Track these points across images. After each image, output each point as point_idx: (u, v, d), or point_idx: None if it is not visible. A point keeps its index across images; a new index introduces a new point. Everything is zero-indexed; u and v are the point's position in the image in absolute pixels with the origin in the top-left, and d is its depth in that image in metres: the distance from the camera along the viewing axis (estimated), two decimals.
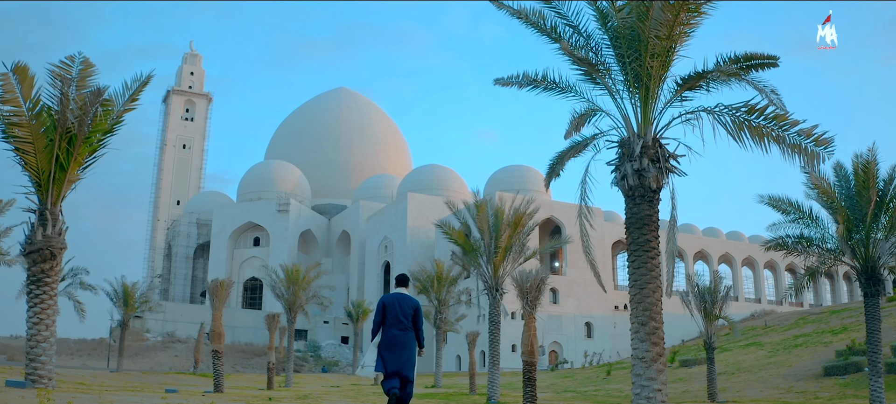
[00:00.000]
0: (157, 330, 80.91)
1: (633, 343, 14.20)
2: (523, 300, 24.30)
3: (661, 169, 14.34)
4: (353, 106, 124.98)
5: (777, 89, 13.02)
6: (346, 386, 48.15)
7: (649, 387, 13.76)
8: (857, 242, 24.83)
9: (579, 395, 39.56)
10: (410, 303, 10.99)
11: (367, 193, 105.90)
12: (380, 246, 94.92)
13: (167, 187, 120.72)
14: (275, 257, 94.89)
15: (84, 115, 14.02)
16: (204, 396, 23.09)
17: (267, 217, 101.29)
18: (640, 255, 14.26)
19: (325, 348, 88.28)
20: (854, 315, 52.27)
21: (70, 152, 14.50)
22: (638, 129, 14.59)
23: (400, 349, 10.68)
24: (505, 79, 16.04)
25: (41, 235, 14.95)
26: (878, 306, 25.14)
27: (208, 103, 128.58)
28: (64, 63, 14.42)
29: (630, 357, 53.92)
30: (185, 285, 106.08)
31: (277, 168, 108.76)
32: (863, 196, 24.19)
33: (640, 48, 14.01)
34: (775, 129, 13.05)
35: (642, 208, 14.39)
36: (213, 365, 32.17)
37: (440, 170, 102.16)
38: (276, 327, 41.26)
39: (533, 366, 24.47)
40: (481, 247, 33.92)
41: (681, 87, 14.29)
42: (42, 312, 15.39)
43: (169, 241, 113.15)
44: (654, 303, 14.10)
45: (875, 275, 24.92)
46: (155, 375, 46.40)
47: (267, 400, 22.53)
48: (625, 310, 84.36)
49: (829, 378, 36.51)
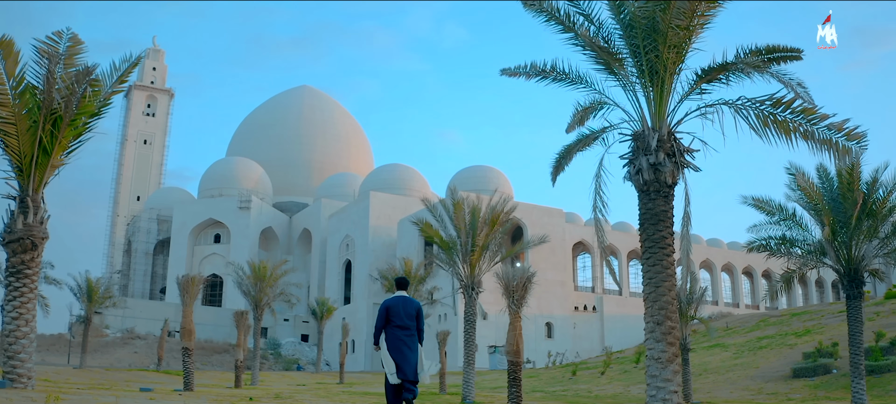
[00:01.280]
0: (117, 327, 78.82)
1: (647, 343, 13.54)
2: (509, 299, 23.61)
3: (677, 163, 13.71)
4: (316, 104, 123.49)
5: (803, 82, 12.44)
6: (311, 384, 47.19)
7: (665, 389, 13.12)
8: (840, 244, 24.59)
9: (549, 395, 39.08)
10: (413, 304, 11.03)
11: (328, 191, 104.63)
12: (341, 244, 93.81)
13: (127, 183, 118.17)
14: (235, 254, 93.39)
15: (71, 95, 12.95)
16: (181, 396, 22.01)
17: (228, 214, 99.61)
18: (656, 252, 13.60)
19: (286, 346, 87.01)
20: (815, 318, 52.51)
21: (54, 135, 13.39)
22: (652, 123, 13.94)
23: (406, 352, 10.69)
24: (511, 69, 15.28)
25: (21, 224, 13.77)
26: (860, 308, 24.96)
27: (170, 99, 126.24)
28: (51, 39, 13.24)
29: (593, 357, 53.51)
30: (145, 281, 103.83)
31: (239, 165, 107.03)
32: (847, 198, 23.95)
33: (657, 38, 13.36)
34: (804, 124, 12.47)
35: (657, 203, 13.74)
36: (184, 363, 30.97)
37: (403, 169, 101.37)
38: (245, 325, 40.06)
39: (518, 367, 23.81)
40: (458, 245, 33.17)
41: (700, 79, 13.66)
42: (21, 306, 14.20)
43: (129, 237, 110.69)
44: (669, 301, 13.46)
45: (857, 278, 24.71)
46: (118, 372, 44.91)
47: (248, 399, 21.53)
48: (585, 311, 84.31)
49: (798, 379, 36.41)
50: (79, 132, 13.99)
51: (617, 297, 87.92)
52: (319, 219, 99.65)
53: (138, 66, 15.03)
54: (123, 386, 29.21)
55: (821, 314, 53.69)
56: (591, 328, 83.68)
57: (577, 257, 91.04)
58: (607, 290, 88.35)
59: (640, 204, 13.98)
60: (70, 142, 13.96)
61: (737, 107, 13.17)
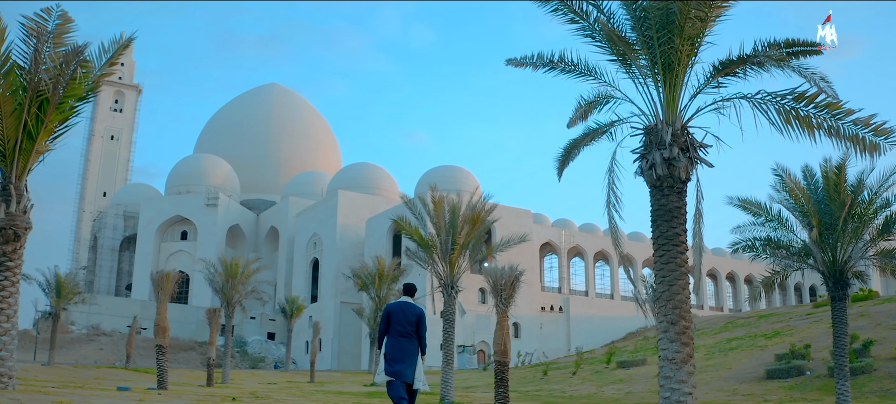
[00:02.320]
0: (82, 323, 76.96)
1: (661, 343, 12.97)
2: (497, 297, 23.00)
3: (691, 159, 13.16)
4: (285, 102, 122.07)
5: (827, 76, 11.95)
6: (282, 383, 46.29)
7: (680, 391, 12.57)
8: (825, 246, 24.32)
9: (522, 395, 38.57)
10: (415, 310, 10.99)
11: (296, 189, 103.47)
12: (309, 242, 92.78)
13: (94, 178, 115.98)
14: (202, 251, 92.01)
15: (60, 76, 12.01)
16: (160, 395, 21.11)
17: (195, 211, 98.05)
18: (669, 249, 13.04)
19: (252, 344, 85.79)
20: (783, 320, 52.54)
21: (40, 119, 12.44)
22: (664, 117, 13.37)
23: (405, 356, 10.71)
24: (517, 59, 14.64)
25: (4, 213, 12.71)
26: (844, 309, 24.73)
27: (138, 95, 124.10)
28: (39, 15, 12.23)
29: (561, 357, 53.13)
30: (111, 278, 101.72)
31: (207, 162, 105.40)
32: (833, 200, 23.70)
33: (672, 30, 12.80)
34: (828, 119, 11.98)
35: (671, 199, 13.18)
36: (158, 361, 30.03)
37: (371, 168, 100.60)
38: (217, 322, 39.06)
39: (505, 366, 23.20)
40: (437, 243, 32.51)
41: (718, 72, 13.11)
42: (3, 301, 13.19)
43: (95, 233, 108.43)
44: (683, 300, 12.91)
45: (843, 279, 24.47)
46: (86, 369, 43.60)
47: (231, 400, 20.67)
48: (552, 311, 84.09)
49: (772, 381, 36.20)
50: (65, 116, 13.01)
51: (583, 298, 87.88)
52: (287, 217, 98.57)
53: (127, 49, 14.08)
54: (96, 384, 28.12)
55: (788, 316, 53.75)
56: (557, 328, 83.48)
57: (544, 258, 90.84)
58: (574, 291, 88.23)
59: (652, 200, 13.39)
60: (56, 126, 13.00)
61: (756, 101, 12.65)
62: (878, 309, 45.76)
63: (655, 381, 42.42)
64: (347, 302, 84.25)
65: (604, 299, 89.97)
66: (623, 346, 63.79)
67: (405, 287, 11.46)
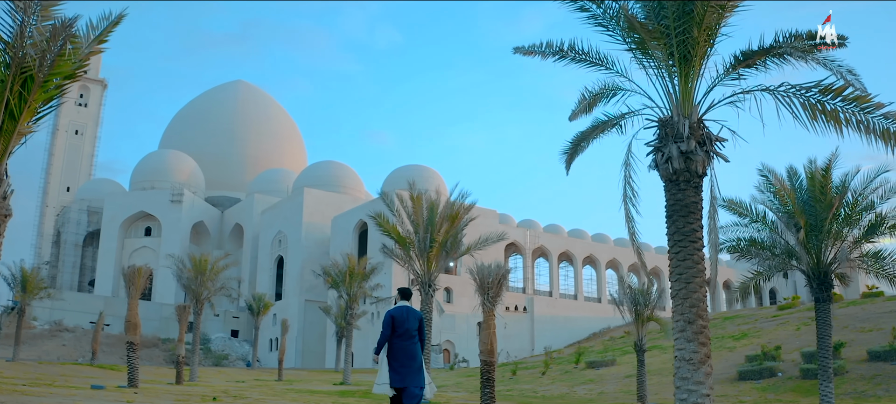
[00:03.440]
0: (45, 319, 74.76)
1: (678, 343, 12.32)
2: (484, 295, 22.31)
3: (708, 153, 12.56)
4: (251, 99, 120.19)
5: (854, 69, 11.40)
6: (250, 381, 45.20)
7: (697, 392, 11.97)
8: (810, 247, 24.00)
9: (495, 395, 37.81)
10: (416, 315, 11.00)
11: (262, 187, 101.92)
12: (274, 240, 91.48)
13: (57, 173, 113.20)
14: (166, 247, 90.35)
15: (46, 52, 11.05)
16: (136, 394, 20.09)
17: (159, 207, 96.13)
18: (686, 246, 12.40)
19: (215, 341, 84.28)
20: (749, 322, 52.58)
21: (24, 98, 11.45)
22: (680, 109, 12.75)
23: (410, 361, 10.64)
24: (525, 48, 13.94)
25: None
26: (828, 311, 24.39)
27: (103, 89, 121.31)
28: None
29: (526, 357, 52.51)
30: (74, 273, 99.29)
31: (172, 158, 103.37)
32: (820, 201, 23.37)
33: (691, 19, 12.19)
34: (857, 113, 11.42)
35: (687, 194, 12.54)
36: (128, 358, 28.88)
37: (337, 166, 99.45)
38: (186, 319, 37.88)
39: (492, 366, 22.52)
40: (415, 241, 31.74)
41: (739, 63, 12.51)
42: None
43: (58, 228, 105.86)
44: (700, 298, 12.28)
45: (827, 281, 24.14)
46: (51, 365, 42.05)
47: (212, 399, 19.73)
48: (516, 311, 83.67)
49: (744, 382, 36.02)
50: (50, 95, 11.98)
51: (547, 298, 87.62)
52: (252, 215, 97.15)
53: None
54: (64, 381, 26.89)
55: (754, 318, 53.80)
56: (521, 328, 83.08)
57: (509, 258, 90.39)
58: (538, 291, 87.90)
59: (667, 194, 12.74)
60: (39, 106, 11.99)
61: (780, 94, 12.05)
62: (844, 311, 45.91)
63: (627, 382, 42.29)
64: (312, 299, 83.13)
65: (567, 299, 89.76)
66: (589, 346, 63.51)
67: (402, 291, 11.34)
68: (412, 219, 31.96)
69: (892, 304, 45.37)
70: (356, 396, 31.49)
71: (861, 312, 44.25)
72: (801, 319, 47.83)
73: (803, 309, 52.29)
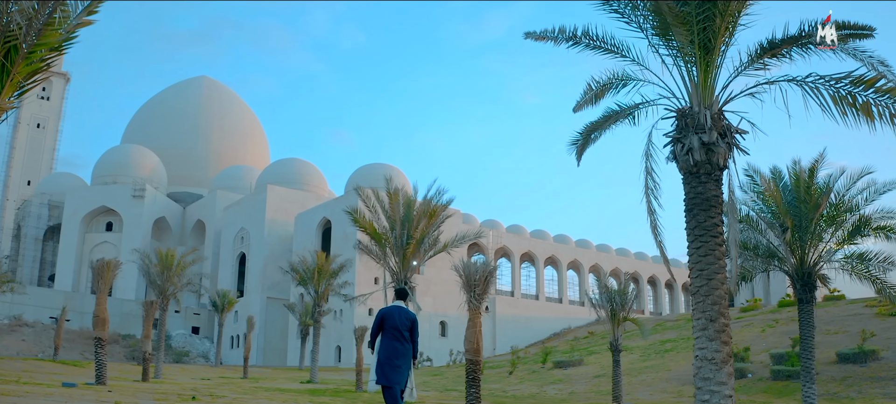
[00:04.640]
0: (4, 313, 72.24)
1: (698, 342, 11.63)
2: (470, 293, 21.52)
3: (730, 144, 11.92)
4: (214, 95, 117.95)
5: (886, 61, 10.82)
6: (215, 378, 43.91)
7: (720, 392, 11.26)
8: (794, 248, 23.65)
9: (462, 395, 37.16)
10: (408, 315, 10.86)
11: (224, 183, 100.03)
12: (236, 237, 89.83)
13: (18, 166, 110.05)
14: (128, 243, 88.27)
15: (35, 19, 10.03)
16: (110, 391, 18.96)
17: (121, 202, 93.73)
18: (707, 241, 11.73)
19: (176, 338, 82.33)
20: None
21: (6, 70, 10.41)
22: (701, 99, 12.08)
23: (397, 361, 10.47)
24: (537, 33, 13.20)
25: None
26: (812, 312, 24.08)
27: (66, 83, 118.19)
28: None
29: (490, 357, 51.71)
30: (34, 268, 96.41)
31: (134, 152, 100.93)
32: (805, 202, 23.05)
33: (713, 7, 11.54)
34: (891, 106, 10.82)
35: (708, 187, 11.89)
36: (96, 355, 27.60)
37: (300, 164, 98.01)
38: (152, 315, 36.50)
39: (478, 365, 21.74)
40: (391, 237, 30.88)
41: (764, 52, 11.89)
42: None
43: (18, 222, 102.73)
44: (722, 295, 11.63)
45: (810, 282, 23.81)
46: (12, 361, 40.41)
47: (190, 398, 18.67)
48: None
49: None
50: (35, 68, 10.93)
51: (509, 298, 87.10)
52: (214, 211, 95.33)
53: None
54: (30, 379, 25.56)
55: None
56: (483, 327, 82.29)
57: (472, 257, 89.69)
58: (500, 291, 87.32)
59: (686, 187, 12.07)
60: (22, 81, 10.94)
61: (808, 85, 11.42)
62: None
63: (597, 382, 41.72)
64: (274, 297, 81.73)
65: (529, 300, 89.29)
66: (553, 346, 63.06)
67: (398, 291, 11.32)
68: (389, 215, 31.11)
69: (854, 307, 45.54)
70: (328, 395, 30.58)
71: (825, 315, 44.26)
72: (765, 321, 47.82)
73: (767, 311, 52.37)
